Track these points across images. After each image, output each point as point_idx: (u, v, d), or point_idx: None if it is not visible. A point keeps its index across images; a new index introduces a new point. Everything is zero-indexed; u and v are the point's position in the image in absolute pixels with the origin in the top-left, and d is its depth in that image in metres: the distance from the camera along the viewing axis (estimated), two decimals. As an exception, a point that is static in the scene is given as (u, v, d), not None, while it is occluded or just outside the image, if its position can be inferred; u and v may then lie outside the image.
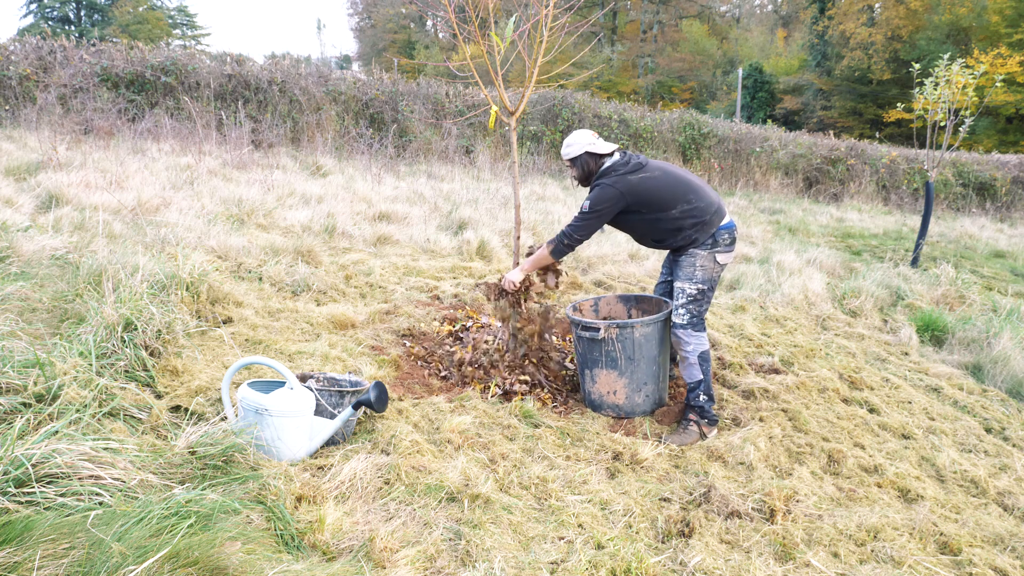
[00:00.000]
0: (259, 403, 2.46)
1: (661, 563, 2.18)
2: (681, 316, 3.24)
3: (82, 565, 1.54)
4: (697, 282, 3.21)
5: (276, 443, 2.48)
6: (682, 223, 3.16)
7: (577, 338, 3.33)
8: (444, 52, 26.06)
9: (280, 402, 2.47)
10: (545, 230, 7.16)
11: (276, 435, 2.47)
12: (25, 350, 2.64)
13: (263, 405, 2.46)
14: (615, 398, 3.28)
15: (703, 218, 3.16)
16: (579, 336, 3.30)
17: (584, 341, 3.28)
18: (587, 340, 3.25)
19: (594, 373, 3.28)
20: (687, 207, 3.14)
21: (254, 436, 2.43)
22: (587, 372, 3.32)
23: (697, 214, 3.16)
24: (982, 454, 3.33)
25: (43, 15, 37.79)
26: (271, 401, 2.47)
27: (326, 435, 2.58)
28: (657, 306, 3.55)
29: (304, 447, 2.54)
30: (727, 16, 45.81)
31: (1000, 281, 7.54)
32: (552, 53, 3.64)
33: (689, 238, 3.19)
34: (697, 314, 3.24)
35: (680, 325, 3.25)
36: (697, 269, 3.22)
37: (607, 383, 3.26)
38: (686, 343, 3.24)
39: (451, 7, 3.39)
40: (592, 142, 3.25)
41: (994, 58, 21.21)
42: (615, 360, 3.20)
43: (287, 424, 2.48)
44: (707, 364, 3.27)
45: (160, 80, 11.80)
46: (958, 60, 7.20)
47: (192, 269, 3.74)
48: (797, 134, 16.75)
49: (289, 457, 2.50)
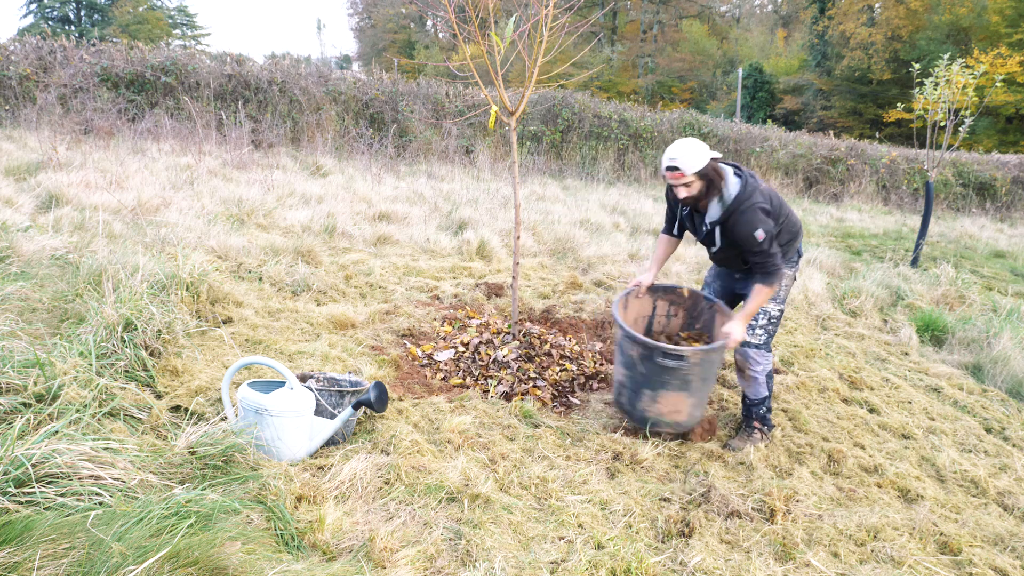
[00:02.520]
0: (259, 403, 2.46)
1: (661, 563, 2.18)
2: (759, 336, 3.07)
3: (82, 565, 1.54)
4: (780, 302, 3.06)
5: (276, 443, 2.48)
6: (782, 238, 2.96)
7: (643, 359, 2.91)
8: (444, 52, 26.06)
9: (280, 402, 2.47)
10: (545, 230, 7.16)
11: (276, 435, 2.47)
12: (25, 350, 2.64)
13: (263, 405, 2.46)
14: (677, 416, 3.01)
15: (794, 231, 3.01)
16: (650, 359, 2.88)
17: (652, 364, 2.88)
18: (658, 364, 2.87)
19: (658, 395, 2.93)
20: (785, 221, 2.94)
21: (254, 436, 2.43)
22: (646, 392, 2.95)
23: (791, 229, 2.99)
24: (982, 454, 3.33)
25: (43, 15, 37.78)
26: (271, 401, 2.47)
27: (326, 435, 2.58)
28: (680, 295, 3.34)
29: (304, 447, 2.54)
30: (727, 16, 45.81)
31: (1000, 281, 7.54)
32: (552, 53, 3.64)
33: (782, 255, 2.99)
34: (772, 334, 3.10)
35: (755, 345, 3.07)
36: (783, 289, 3.05)
37: (672, 403, 2.95)
38: (756, 363, 3.08)
39: (451, 7, 3.39)
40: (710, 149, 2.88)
41: (994, 58, 21.22)
42: (688, 382, 2.90)
43: (287, 424, 2.48)
44: (771, 381, 3.19)
45: (160, 80, 11.80)
46: (958, 60, 7.20)
47: (192, 269, 3.74)
48: (797, 134, 16.74)
49: (289, 457, 2.50)
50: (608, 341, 4.26)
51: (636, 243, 7.10)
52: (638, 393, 2.99)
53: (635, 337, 2.90)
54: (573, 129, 14.28)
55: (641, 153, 14.55)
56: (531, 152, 13.60)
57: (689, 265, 6.54)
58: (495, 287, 5.06)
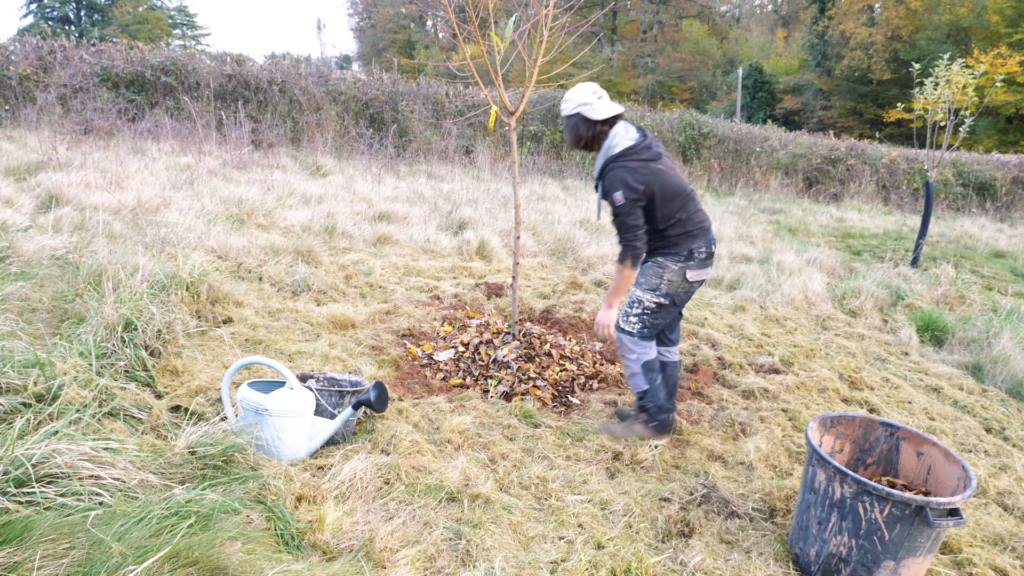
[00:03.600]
0: (259, 403, 2.47)
1: (661, 563, 2.18)
2: (632, 324, 2.88)
3: (82, 565, 1.54)
4: (658, 294, 2.84)
5: (276, 443, 2.48)
6: (671, 231, 2.81)
7: (892, 522, 2.05)
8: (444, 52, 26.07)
9: (280, 402, 2.48)
10: (545, 230, 7.16)
11: (276, 435, 2.48)
12: (25, 350, 2.64)
13: (263, 405, 2.46)
14: None
15: (690, 230, 2.82)
16: (909, 522, 2.04)
17: (910, 527, 2.04)
18: (909, 523, 2.03)
19: (901, 564, 2.11)
20: (683, 216, 2.81)
21: (254, 436, 2.43)
22: (887, 564, 2.10)
23: (689, 226, 2.82)
24: (982, 454, 3.33)
25: (43, 15, 37.78)
26: (271, 401, 2.47)
27: (326, 435, 2.58)
28: (848, 423, 2.57)
29: (304, 447, 2.55)
30: (727, 16, 45.81)
31: (1000, 281, 7.54)
32: (552, 53, 3.64)
33: (666, 245, 2.84)
34: (649, 325, 2.89)
35: (627, 332, 2.88)
36: (663, 282, 2.83)
37: (913, 572, 2.16)
38: (629, 351, 2.90)
39: (451, 7, 3.39)
40: (589, 102, 2.77)
41: (994, 58, 21.22)
42: (938, 541, 2.14)
43: (287, 424, 2.49)
44: (654, 374, 2.92)
45: (160, 80, 11.80)
46: (958, 60, 7.20)
47: (192, 269, 3.74)
48: (797, 134, 16.74)
49: (289, 457, 2.50)
50: (608, 341, 4.26)
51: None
52: (866, 570, 2.13)
53: (891, 495, 2.01)
54: (573, 129, 14.27)
55: (641, 153, 14.53)
56: (531, 152, 13.60)
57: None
58: (495, 287, 5.07)
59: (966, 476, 2.15)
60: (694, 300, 5.40)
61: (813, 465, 2.22)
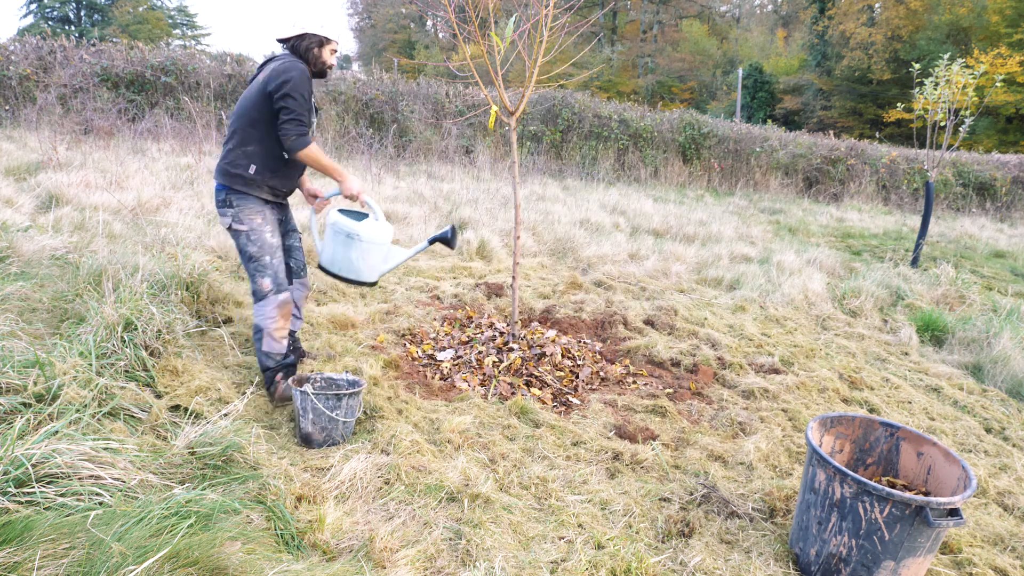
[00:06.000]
0: (351, 229, 2.93)
1: (661, 563, 2.18)
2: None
3: (82, 565, 1.54)
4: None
5: (359, 263, 2.97)
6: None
7: (892, 522, 2.04)
8: (444, 52, 26.07)
9: (370, 229, 2.95)
10: (545, 230, 7.16)
11: (361, 256, 2.94)
12: (25, 350, 2.64)
13: (355, 231, 2.92)
14: None
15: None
16: (909, 523, 2.03)
17: (910, 528, 2.04)
18: (909, 523, 2.03)
19: (901, 564, 2.10)
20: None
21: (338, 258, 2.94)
22: (887, 563, 2.10)
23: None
24: (982, 454, 3.33)
25: (43, 15, 37.79)
26: (363, 228, 2.93)
27: (398, 262, 3.11)
28: (848, 423, 2.56)
29: (379, 269, 3.04)
30: (727, 16, 45.81)
31: (1000, 281, 7.54)
32: (552, 53, 3.64)
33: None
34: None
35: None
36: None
37: (916, 571, 2.15)
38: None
39: (451, 7, 3.39)
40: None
41: (994, 58, 21.23)
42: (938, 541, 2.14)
43: (372, 248, 2.96)
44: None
45: (160, 80, 11.80)
46: (958, 60, 7.21)
47: (192, 269, 3.74)
48: (797, 134, 16.74)
49: (367, 277, 3.02)
50: (608, 341, 4.26)
51: (636, 243, 7.10)
52: (865, 570, 2.13)
53: (891, 495, 2.01)
54: (573, 129, 14.28)
55: (641, 153, 14.55)
56: (531, 152, 13.60)
57: (689, 265, 6.54)
58: (495, 287, 5.07)
59: (966, 476, 2.15)
60: (694, 300, 5.41)
61: (813, 465, 2.22)
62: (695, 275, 6.28)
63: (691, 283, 6.01)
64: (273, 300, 2.96)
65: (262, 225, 2.95)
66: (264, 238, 2.95)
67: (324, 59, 2.98)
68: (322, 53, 2.97)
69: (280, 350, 3.03)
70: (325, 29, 2.93)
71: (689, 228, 8.39)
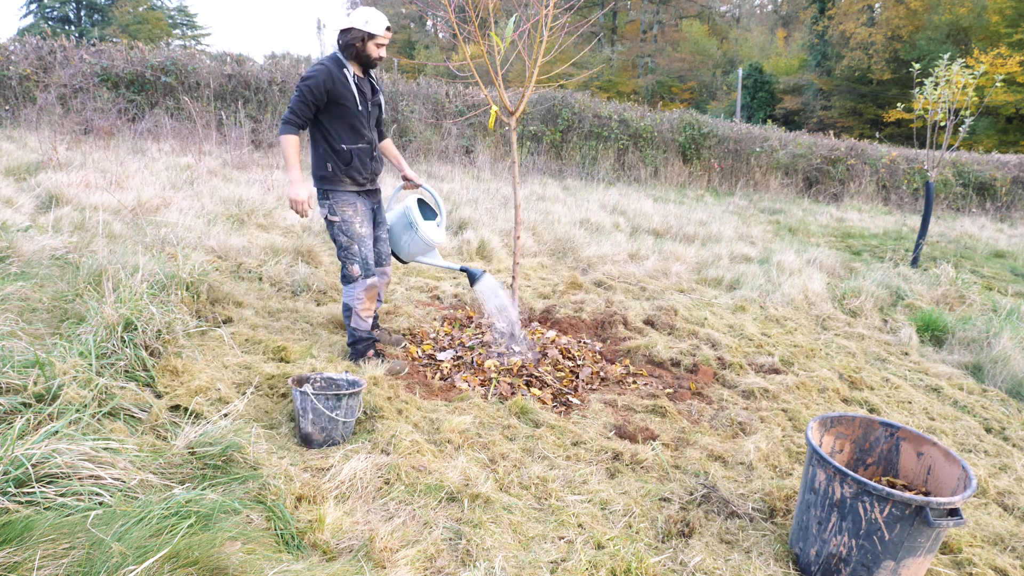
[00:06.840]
0: (415, 221, 3.57)
1: (661, 563, 2.18)
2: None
3: (82, 565, 1.54)
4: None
5: (406, 246, 3.67)
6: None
7: (892, 522, 2.03)
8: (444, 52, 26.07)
9: (427, 230, 3.62)
10: (545, 230, 7.16)
11: (409, 242, 3.63)
12: (25, 350, 2.64)
13: (418, 224, 3.56)
14: None
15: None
16: (909, 523, 2.02)
17: (904, 525, 2.03)
18: (909, 523, 2.02)
19: (901, 564, 2.09)
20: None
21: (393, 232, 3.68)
22: (887, 564, 2.09)
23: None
24: (982, 454, 3.33)
25: (43, 15, 37.79)
26: (422, 225, 3.58)
27: (430, 262, 3.77)
28: (848, 423, 2.55)
29: (416, 257, 3.74)
30: (727, 16, 45.81)
31: (1000, 281, 7.54)
32: (552, 53, 3.64)
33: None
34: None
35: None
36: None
37: (916, 571, 2.15)
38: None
39: (451, 7, 3.39)
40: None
41: (994, 58, 21.23)
42: (938, 541, 2.13)
43: (420, 243, 3.63)
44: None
45: (160, 80, 11.80)
46: (958, 60, 7.21)
47: (192, 269, 3.75)
48: (797, 134, 16.74)
49: (404, 257, 3.74)
50: (608, 341, 4.26)
51: (636, 243, 7.10)
52: (864, 570, 2.13)
53: (891, 495, 1.99)
54: (573, 129, 14.28)
55: (641, 153, 14.55)
56: (531, 152, 13.60)
57: (689, 265, 6.54)
58: (495, 287, 5.06)
59: (966, 476, 2.14)
60: (694, 300, 5.41)
61: (813, 465, 2.22)
62: (695, 275, 6.28)
63: (691, 283, 6.01)
64: (361, 284, 3.40)
65: (352, 216, 3.34)
66: (354, 228, 3.34)
67: (370, 52, 3.25)
68: (367, 47, 3.23)
69: (365, 327, 3.50)
70: (370, 25, 3.17)
71: (689, 228, 8.39)
